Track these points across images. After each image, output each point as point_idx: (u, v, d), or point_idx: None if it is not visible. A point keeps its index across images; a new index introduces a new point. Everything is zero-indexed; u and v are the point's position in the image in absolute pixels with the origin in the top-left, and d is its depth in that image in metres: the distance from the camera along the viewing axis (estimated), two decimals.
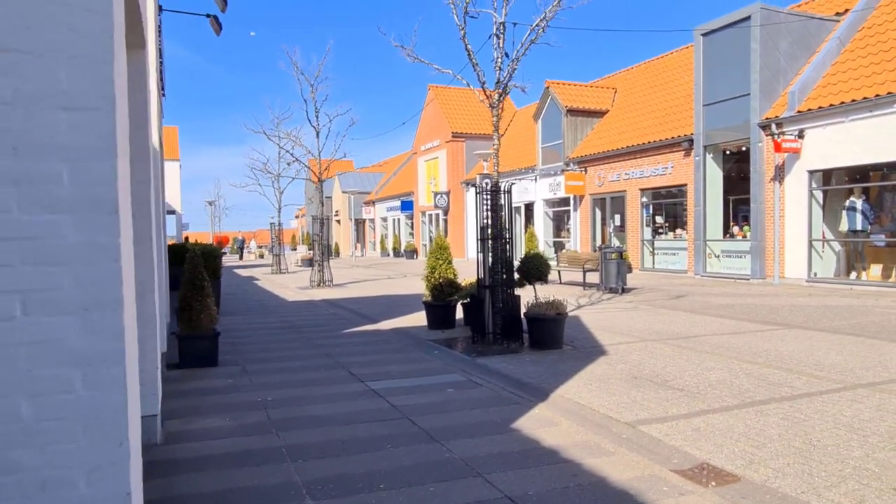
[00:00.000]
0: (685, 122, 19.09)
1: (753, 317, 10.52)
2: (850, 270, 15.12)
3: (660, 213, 21.01)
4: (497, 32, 8.39)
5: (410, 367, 7.24)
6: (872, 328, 9.09)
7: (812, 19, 16.80)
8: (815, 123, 14.82)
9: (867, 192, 14.73)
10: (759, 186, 16.23)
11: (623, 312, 11.42)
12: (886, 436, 4.49)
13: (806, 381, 6.11)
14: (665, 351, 7.79)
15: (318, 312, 12.90)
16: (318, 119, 19.27)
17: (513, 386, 6.25)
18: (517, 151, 30.69)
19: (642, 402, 5.55)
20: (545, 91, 25.60)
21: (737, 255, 17.31)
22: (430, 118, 37.83)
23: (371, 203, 50.44)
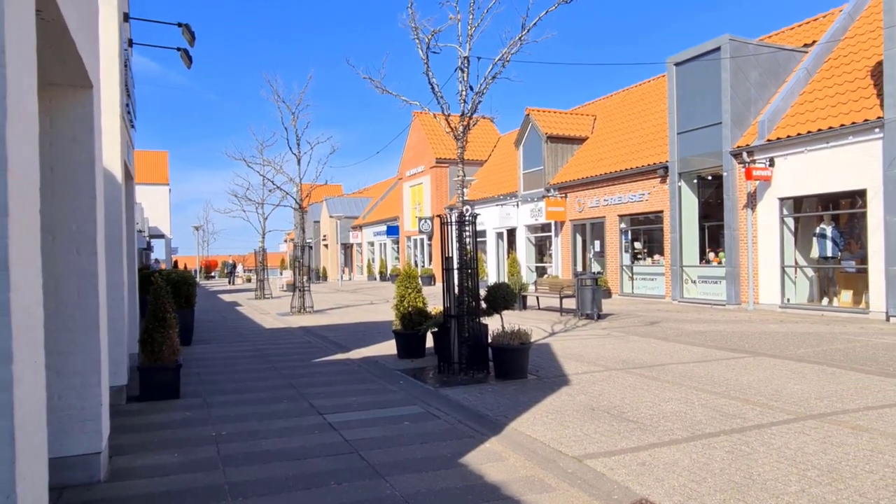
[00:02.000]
0: (661, 149, 19.38)
1: (723, 344, 10.60)
2: (822, 296, 15.30)
3: (638, 238, 21.20)
4: (462, 66, 8.56)
5: (372, 398, 7.24)
6: (836, 356, 9.18)
7: (781, 50, 17.20)
8: (784, 152, 15.10)
9: (837, 220, 14.98)
10: (733, 213, 16.45)
11: (594, 340, 11.47)
12: (826, 470, 4.54)
13: (759, 412, 6.17)
14: (628, 381, 7.84)
15: (292, 341, 12.87)
16: (299, 146, 19.41)
17: (470, 418, 6.26)
18: (500, 177, 30.95)
19: (594, 435, 5.58)
20: (526, 118, 25.94)
21: (712, 280, 17.47)
22: (415, 144, 38.14)
23: (358, 227, 50.54)
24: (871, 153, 13.18)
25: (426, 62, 8.47)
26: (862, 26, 16.33)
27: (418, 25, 8.62)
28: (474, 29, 8.60)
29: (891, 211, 12.71)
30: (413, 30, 8.72)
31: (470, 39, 8.57)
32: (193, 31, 9.30)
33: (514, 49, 8.72)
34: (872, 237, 13.27)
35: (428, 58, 8.41)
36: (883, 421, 5.76)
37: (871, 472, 4.47)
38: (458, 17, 8.66)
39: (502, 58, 8.64)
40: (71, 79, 3.91)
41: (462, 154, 8.81)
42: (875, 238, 13.18)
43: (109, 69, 6.67)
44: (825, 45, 16.47)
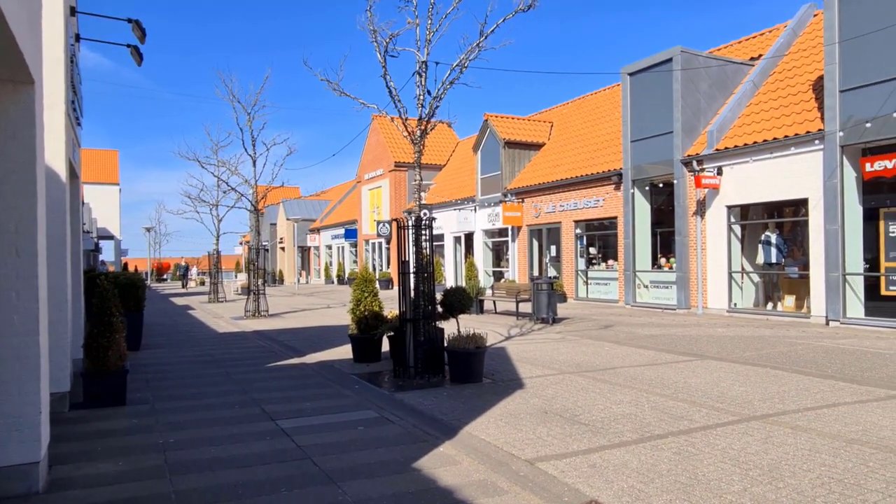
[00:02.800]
0: (615, 156, 19.78)
1: (672, 347, 10.86)
2: (767, 301, 15.85)
3: (593, 244, 21.56)
4: (420, 71, 8.57)
5: (326, 403, 7.17)
6: (779, 359, 9.52)
7: (729, 63, 17.78)
8: (732, 161, 15.61)
9: (781, 227, 15.55)
10: (683, 220, 16.90)
11: (549, 343, 11.61)
12: (767, 469, 4.70)
13: (706, 414, 6.35)
14: (580, 384, 7.96)
15: (245, 345, 12.63)
16: (254, 147, 19.11)
17: (425, 423, 6.26)
18: (458, 182, 31.07)
19: (547, 437, 5.65)
20: (484, 123, 26.13)
21: (664, 285, 17.90)
22: (374, 147, 37.99)
23: (316, 230, 49.99)
24: (812, 164, 13.74)
25: (384, 66, 8.45)
26: (804, 42, 17.03)
27: (377, 29, 8.61)
28: (433, 34, 8.63)
29: (830, 220, 13.26)
30: (371, 33, 8.69)
31: (428, 44, 8.59)
32: (144, 28, 9.07)
33: (472, 55, 8.77)
34: (814, 244, 13.82)
35: (386, 61, 8.40)
36: (821, 421, 5.99)
37: (808, 470, 4.65)
38: (417, 22, 8.67)
39: (460, 63, 8.69)
40: (10, 74, 3.77)
41: (419, 158, 8.82)
42: (816, 245, 13.73)
43: (54, 65, 6.45)
44: (770, 59, 17.11)
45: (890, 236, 12.90)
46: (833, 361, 9.19)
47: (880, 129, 12.32)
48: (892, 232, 12.86)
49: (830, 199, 13.25)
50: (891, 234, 12.88)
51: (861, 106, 12.66)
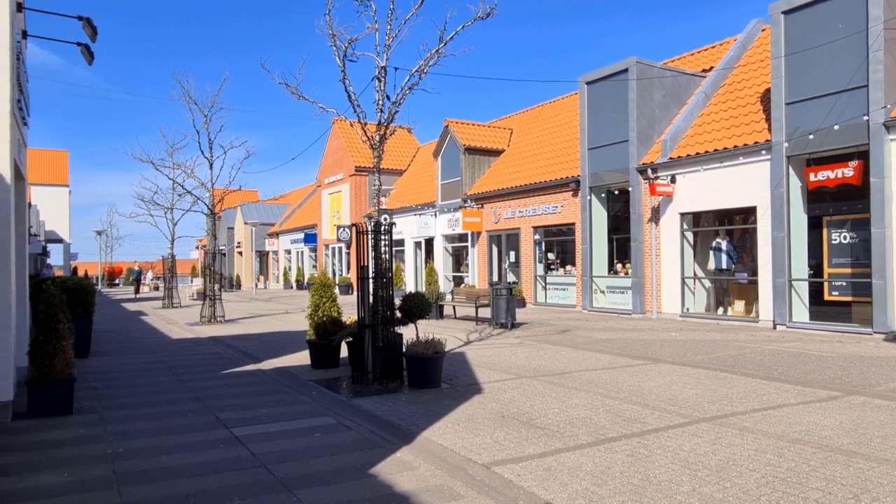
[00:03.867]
0: (573, 163, 20.11)
1: (627, 352, 11.08)
2: (718, 306, 16.32)
3: (551, 249, 21.85)
4: (379, 76, 8.57)
5: (283, 410, 7.08)
6: (729, 362, 9.80)
7: (682, 74, 18.30)
8: (685, 169, 16.05)
9: (731, 234, 16.04)
10: (639, 227, 17.28)
11: (508, 348, 11.71)
12: (715, 469, 4.84)
13: (658, 417, 6.50)
14: (538, 388, 8.05)
15: (200, 351, 12.37)
16: (211, 150, 18.76)
17: (382, 428, 6.24)
18: (419, 187, 31.11)
19: (503, 442, 5.70)
20: (445, 129, 26.24)
21: (620, 290, 18.26)
22: (334, 151, 37.72)
23: (275, 235, 49.31)
24: (760, 173, 14.22)
25: (343, 70, 8.43)
26: (753, 55, 17.64)
27: (336, 33, 8.58)
28: (392, 39, 8.64)
29: (777, 227, 13.74)
30: (330, 37, 8.66)
31: (388, 49, 8.61)
32: (95, 26, 8.84)
33: (431, 61, 8.82)
34: (762, 251, 14.30)
35: (345, 66, 8.38)
36: (766, 422, 6.20)
37: (754, 470, 4.80)
38: (376, 27, 8.68)
39: (420, 69, 8.73)
40: None
41: (378, 163, 8.82)
42: (764, 252, 14.21)
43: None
44: (721, 71, 17.68)
45: (833, 244, 13.45)
46: (779, 364, 9.52)
47: (823, 141, 12.85)
48: (835, 239, 13.41)
49: (777, 207, 13.74)
50: (833, 241, 13.43)
51: (805, 118, 13.18)
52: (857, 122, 12.24)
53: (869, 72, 12.07)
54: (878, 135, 11.99)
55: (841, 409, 6.66)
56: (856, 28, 12.29)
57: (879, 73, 11.92)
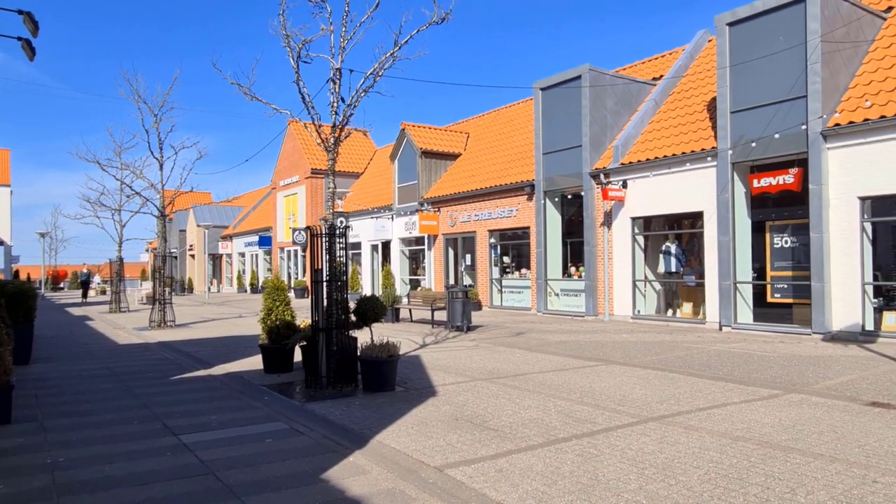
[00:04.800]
0: (528, 168, 20.36)
1: (580, 353, 11.27)
2: (667, 308, 16.75)
3: (507, 253, 22.06)
4: (333, 78, 8.53)
5: (234, 415, 6.97)
6: (676, 363, 10.08)
7: (633, 82, 18.75)
8: (635, 175, 16.44)
9: (680, 238, 16.50)
10: (592, 230, 17.61)
11: (463, 351, 11.77)
12: (661, 467, 4.98)
13: (608, 417, 6.64)
14: (491, 390, 8.12)
15: (148, 357, 12.05)
16: (161, 150, 18.30)
17: (335, 433, 6.21)
18: (376, 190, 30.99)
19: (457, 444, 5.73)
20: (401, 133, 26.23)
21: (573, 293, 18.56)
22: (290, 153, 37.25)
23: (228, 238, 48.34)
24: (707, 179, 14.68)
25: (297, 71, 8.36)
26: (700, 65, 18.22)
27: (290, 34, 8.50)
28: (347, 41, 8.61)
29: (723, 232, 14.21)
30: (284, 38, 8.57)
31: (343, 52, 8.57)
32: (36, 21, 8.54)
33: (386, 64, 8.82)
34: (708, 255, 14.75)
35: (299, 67, 8.31)
36: (711, 420, 6.40)
37: (697, 467, 4.96)
38: (331, 29, 8.63)
39: (374, 72, 8.72)
40: None
41: (333, 166, 8.77)
42: (710, 255, 14.67)
43: None
44: (670, 80, 18.19)
45: (775, 247, 13.98)
46: (724, 364, 9.83)
47: (765, 149, 13.35)
48: (777, 243, 13.94)
49: (723, 212, 14.20)
50: (775, 245, 13.96)
51: (749, 126, 13.67)
52: (797, 130, 12.76)
53: (808, 83, 12.60)
54: (816, 143, 12.52)
55: (780, 407, 6.93)
56: (796, 41, 12.82)
57: (817, 85, 12.46)
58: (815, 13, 12.47)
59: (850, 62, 13.19)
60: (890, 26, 13.79)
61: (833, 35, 12.70)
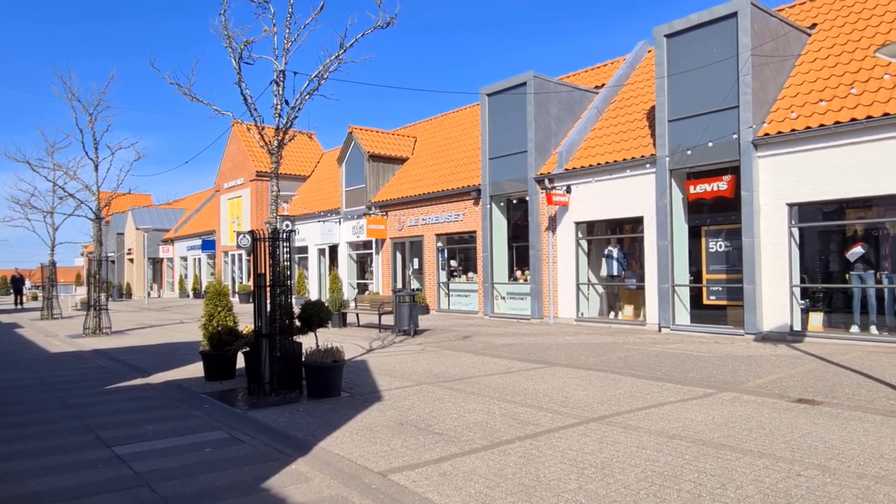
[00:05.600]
0: (475, 172, 20.55)
1: (525, 356, 11.43)
2: (610, 310, 17.18)
3: (454, 257, 22.19)
4: (277, 80, 8.42)
5: (171, 425, 6.77)
6: (617, 364, 10.34)
7: (576, 90, 19.18)
8: (579, 180, 16.81)
9: (621, 242, 16.95)
10: (537, 235, 17.91)
11: (410, 355, 11.77)
12: (600, 467, 5.10)
13: (550, 418, 6.76)
14: (437, 394, 8.15)
15: (82, 366, 11.57)
16: (97, 151, 17.63)
17: (278, 440, 6.11)
18: (323, 193, 30.66)
19: (401, 449, 5.73)
20: (349, 136, 26.05)
21: (519, 297, 18.81)
22: (234, 155, 36.46)
23: (170, 241, 46.86)
24: (646, 185, 15.14)
25: (238, 72, 8.21)
26: (640, 74, 18.79)
27: (231, 34, 8.35)
28: (291, 43, 8.53)
29: (662, 236, 14.67)
30: (226, 38, 8.42)
31: (286, 53, 8.48)
32: None
33: (331, 67, 8.77)
34: (648, 258, 15.21)
35: (241, 68, 8.17)
36: (649, 420, 6.60)
37: (635, 465, 5.11)
38: (275, 31, 8.53)
39: (319, 74, 8.66)
40: None
41: (277, 169, 8.66)
42: (650, 259, 15.13)
43: None
44: (612, 88, 18.69)
45: (710, 251, 14.52)
46: (663, 365, 10.15)
47: (700, 157, 13.87)
48: (712, 248, 14.49)
49: (662, 217, 14.67)
50: (711, 249, 14.51)
51: (686, 135, 14.18)
52: (730, 139, 13.32)
53: (739, 94, 13.17)
54: (747, 152, 13.09)
55: (714, 405, 7.20)
56: (728, 53, 13.38)
57: (748, 96, 13.03)
58: (746, 27, 13.05)
59: (779, 75, 13.86)
60: (814, 42, 14.56)
61: (762, 49, 13.31)
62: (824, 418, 6.48)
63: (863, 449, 5.40)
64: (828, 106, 12.44)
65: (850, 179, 11.84)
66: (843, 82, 12.76)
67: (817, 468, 4.92)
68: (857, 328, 12.37)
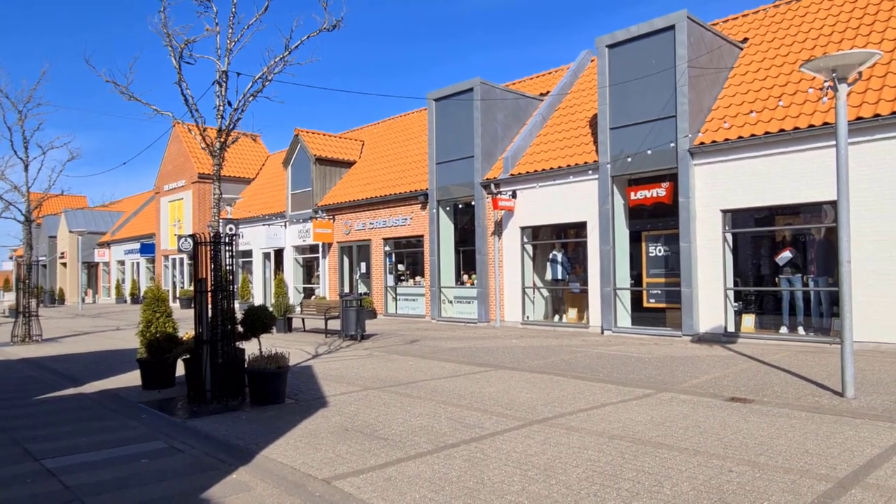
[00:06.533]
0: (422, 177, 20.59)
1: (471, 359, 11.51)
2: (555, 314, 17.49)
3: (402, 261, 22.16)
4: (220, 80, 8.25)
5: (106, 436, 6.53)
6: (562, 366, 10.54)
7: (522, 97, 19.49)
8: (524, 186, 17.07)
9: (566, 247, 17.29)
10: (483, 239, 18.08)
11: (356, 360, 11.68)
12: (543, 468, 5.19)
13: (495, 421, 6.83)
14: (383, 399, 8.13)
15: (9, 376, 11.02)
16: (27, 150, 16.83)
17: (219, 450, 5.97)
18: (268, 196, 30.13)
19: (346, 455, 5.69)
20: (295, 138, 25.69)
21: (466, 300, 18.93)
22: (176, 156, 35.42)
23: (106, 245, 45.11)
24: (589, 191, 15.50)
25: (179, 71, 8.00)
26: (584, 83, 19.24)
27: (171, 32, 8.13)
28: (234, 43, 8.37)
29: (604, 241, 15.05)
30: (166, 36, 8.19)
31: (229, 54, 8.31)
32: None
33: (276, 69, 8.64)
34: (591, 263, 15.56)
35: (181, 67, 7.96)
36: (591, 421, 6.76)
37: (576, 466, 5.22)
38: (217, 30, 8.35)
39: (263, 76, 8.53)
40: None
41: (219, 171, 8.48)
42: (593, 263, 15.48)
43: None
44: (556, 96, 19.07)
45: (650, 256, 14.98)
46: (605, 366, 10.40)
47: (640, 164, 14.31)
48: (652, 252, 14.95)
49: (604, 222, 15.05)
50: (650, 254, 14.97)
51: (627, 142, 14.59)
52: (667, 148, 13.79)
53: (677, 104, 13.65)
54: (684, 160, 13.57)
55: (653, 406, 7.43)
56: (666, 65, 13.86)
57: (685, 106, 13.52)
58: (683, 40, 13.55)
59: (713, 86, 14.44)
60: (746, 55, 15.24)
61: (698, 61, 13.85)
62: (755, 416, 6.77)
63: (790, 444, 5.67)
64: (758, 117, 13.03)
65: (779, 187, 12.43)
66: (773, 95, 13.40)
67: (748, 464, 5.14)
68: (786, 329, 12.98)
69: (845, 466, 5.03)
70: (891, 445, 5.58)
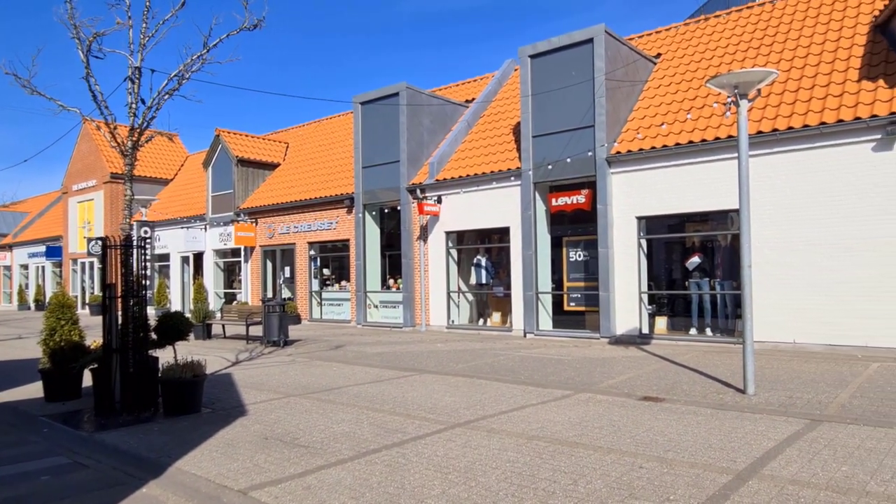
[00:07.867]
0: (348, 180, 20.41)
1: (396, 364, 11.50)
2: (479, 317, 17.73)
3: (327, 265, 21.87)
4: (132, 77, 7.92)
5: (2, 453, 6.11)
6: (485, 369, 10.69)
7: (448, 103, 19.68)
8: (449, 191, 17.24)
9: (490, 252, 17.57)
10: (409, 243, 18.11)
11: (278, 367, 11.44)
12: (463, 471, 5.26)
13: (418, 426, 6.86)
14: (305, 406, 8.00)
15: None
16: None
17: (128, 463, 5.71)
18: (188, 198, 29.03)
19: (264, 464, 5.57)
20: (216, 139, 24.90)
21: (392, 305, 18.90)
22: (85, 155, 33.55)
23: (7, 247, 42.16)
24: (512, 197, 15.83)
25: (87, 66, 7.62)
26: (508, 91, 19.64)
27: (78, 24, 7.74)
28: (148, 39, 8.06)
29: (527, 246, 15.40)
30: (73, 28, 7.79)
31: (143, 49, 8.00)
32: None
33: (194, 67, 8.39)
34: (514, 267, 15.89)
35: (89, 62, 7.58)
36: (511, 423, 6.89)
37: (496, 468, 5.32)
38: (130, 24, 8.02)
39: (180, 73, 8.25)
40: None
41: (131, 171, 8.13)
42: (516, 268, 15.81)
43: None
44: (481, 103, 19.39)
45: (570, 261, 15.44)
46: (526, 369, 10.63)
47: (561, 171, 14.75)
48: (572, 257, 15.42)
49: (527, 228, 15.40)
50: (571, 259, 15.44)
51: (548, 150, 15.01)
52: (586, 156, 14.28)
53: (595, 114, 14.16)
54: (602, 168, 14.09)
55: (571, 406, 7.66)
56: (585, 76, 14.36)
57: (603, 116, 14.05)
58: (601, 53, 14.08)
59: (629, 98, 15.08)
60: (659, 69, 16.01)
61: (615, 74, 14.42)
62: (665, 414, 7.11)
63: (695, 440, 5.99)
64: (669, 129, 13.71)
65: (689, 196, 13.12)
66: (683, 108, 14.13)
67: (657, 460, 5.40)
68: (696, 330, 13.69)
69: (744, 459, 5.36)
70: (784, 438, 5.99)
